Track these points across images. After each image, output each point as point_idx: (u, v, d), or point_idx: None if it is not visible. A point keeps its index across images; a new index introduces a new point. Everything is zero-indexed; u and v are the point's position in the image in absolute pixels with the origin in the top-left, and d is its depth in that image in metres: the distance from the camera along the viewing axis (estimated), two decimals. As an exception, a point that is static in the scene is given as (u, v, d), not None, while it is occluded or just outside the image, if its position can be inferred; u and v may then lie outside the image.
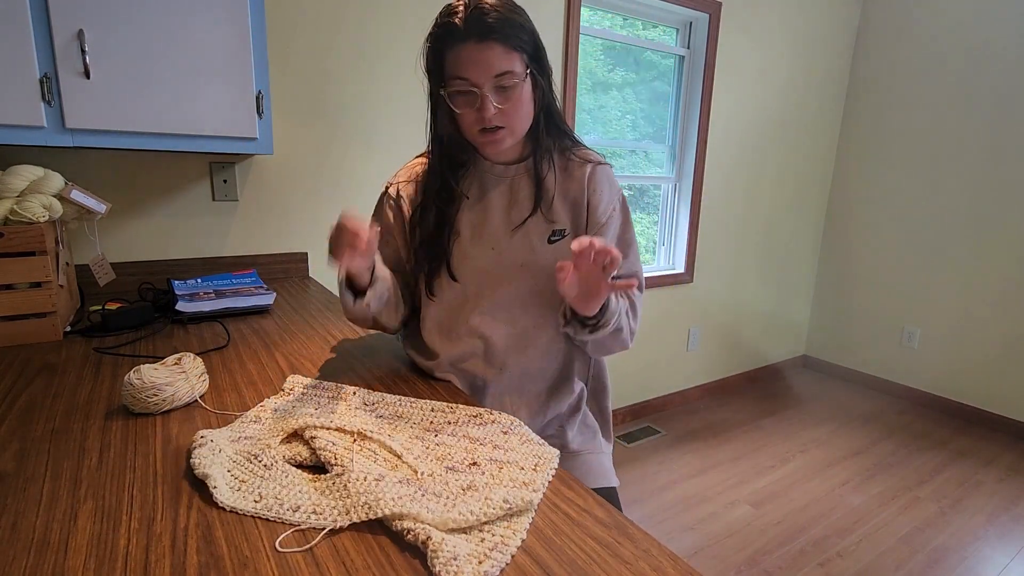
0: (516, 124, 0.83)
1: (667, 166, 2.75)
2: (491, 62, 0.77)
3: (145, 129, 1.20)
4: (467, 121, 0.83)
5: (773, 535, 1.91)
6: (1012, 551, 1.87)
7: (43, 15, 1.07)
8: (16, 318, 1.04)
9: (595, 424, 1.03)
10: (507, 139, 0.84)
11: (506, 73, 0.78)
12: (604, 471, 1.00)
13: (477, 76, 0.78)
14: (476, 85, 0.79)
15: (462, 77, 0.79)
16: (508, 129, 0.83)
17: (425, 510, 0.54)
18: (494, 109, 0.79)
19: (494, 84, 0.79)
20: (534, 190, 0.90)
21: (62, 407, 0.79)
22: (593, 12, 2.30)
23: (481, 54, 0.77)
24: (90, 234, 1.38)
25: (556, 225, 0.91)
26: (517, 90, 0.80)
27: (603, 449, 1.02)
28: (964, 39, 2.74)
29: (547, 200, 0.90)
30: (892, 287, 3.13)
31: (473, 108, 0.81)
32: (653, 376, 2.84)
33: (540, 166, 0.90)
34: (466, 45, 0.77)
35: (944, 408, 2.98)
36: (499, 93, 0.80)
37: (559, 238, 0.91)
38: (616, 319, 0.87)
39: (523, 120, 0.84)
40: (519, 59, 0.79)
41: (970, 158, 2.78)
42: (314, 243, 1.76)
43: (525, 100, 0.82)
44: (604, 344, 0.93)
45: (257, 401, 0.82)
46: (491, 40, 0.76)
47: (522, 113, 0.83)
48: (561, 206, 0.91)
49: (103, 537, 0.52)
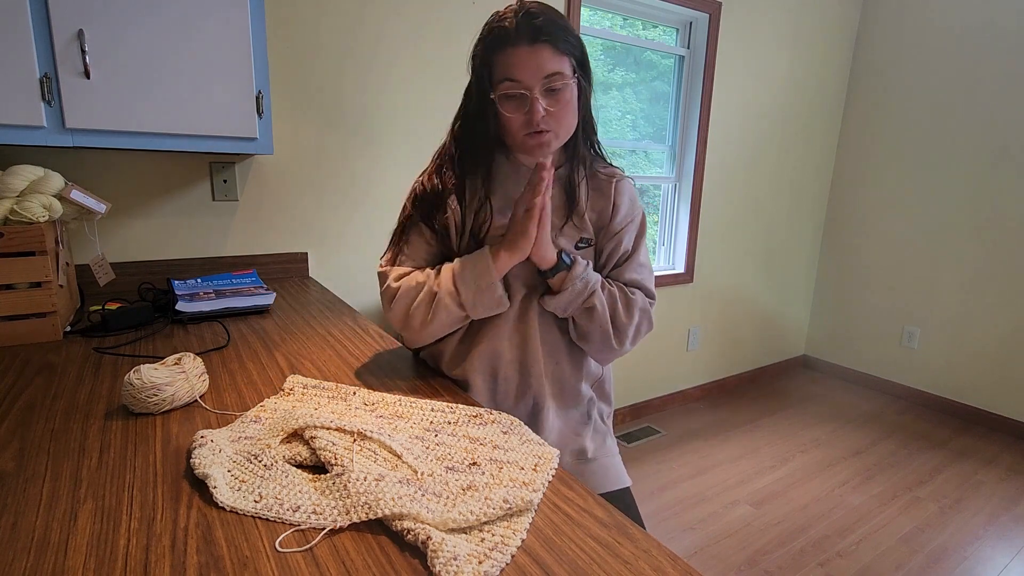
0: (562, 127, 0.84)
1: (667, 166, 2.75)
2: (541, 64, 0.79)
3: (145, 129, 1.20)
4: (515, 125, 0.83)
5: (773, 535, 1.91)
6: (1012, 551, 1.87)
7: (43, 15, 1.07)
8: (16, 318, 1.04)
9: (604, 428, 1.04)
10: (553, 142, 0.85)
11: (556, 74, 0.80)
12: (620, 472, 1.01)
13: (528, 78, 0.79)
14: (527, 88, 0.80)
15: (513, 79, 0.80)
16: (554, 132, 0.84)
17: (425, 510, 0.54)
18: (543, 111, 0.81)
19: (543, 86, 0.80)
20: (566, 199, 0.91)
21: (62, 407, 0.79)
22: (593, 12, 2.30)
23: (531, 56, 0.79)
24: (90, 234, 1.38)
25: (584, 233, 0.93)
26: (566, 93, 0.82)
27: (614, 451, 1.03)
28: (964, 39, 2.74)
29: (579, 211, 0.92)
30: (892, 287, 3.13)
31: (522, 111, 0.82)
32: (653, 376, 2.84)
33: (575, 175, 0.91)
34: (517, 48, 0.79)
35: (944, 408, 2.98)
36: (548, 96, 0.81)
37: (585, 246, 0.93)
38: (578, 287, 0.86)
39: (569, 124, 0.86)
40: (568, 62, 0.82)
41: (971, 158, 2.78)
42: (314, 243, 1.76)
43: (572, 104, 0.84)
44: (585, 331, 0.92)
45: (257, 401, 0.82)
46: (541, 43, 0.79)
47: (568, 116, 0.84)
48: (589, 216, 0.93)
49: (103, 537, 0.52)
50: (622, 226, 0.94)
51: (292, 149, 1.67)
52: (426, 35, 1.81)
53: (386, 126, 1.80)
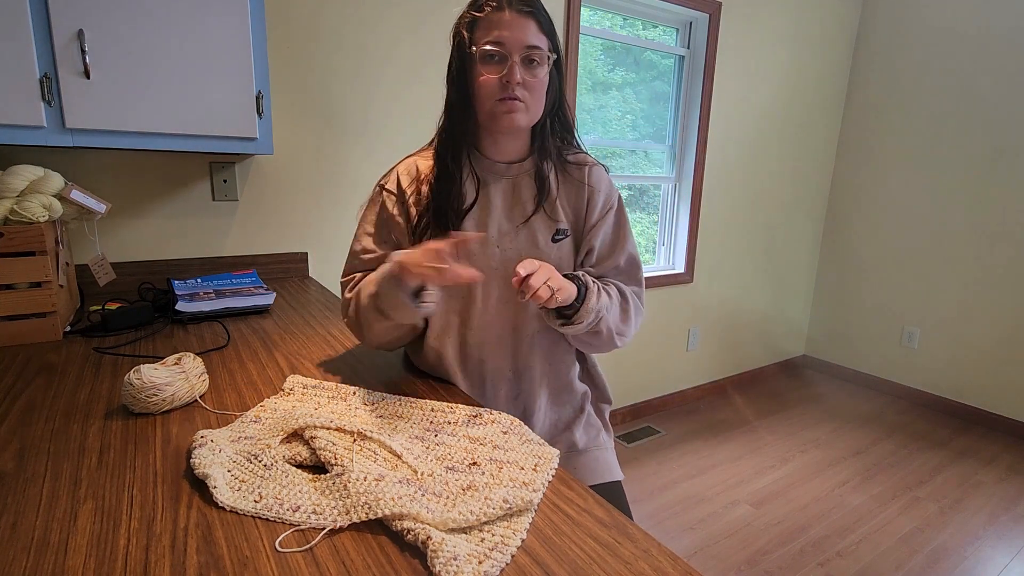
0: (532, 103, 0.85)
1: (667, 166, 2.75)
2: (526, 33, 0.82)
3: (145, 129, 1.20)
4: (488, 86, 0.83)
5: (773, 535, 1.91)
6: (1012, 551, 1.87)
7: (43, 15, 1.07)
8: (16, 318, 1.04)
9: (598, 423, 1.04)
10: (522, 115, 0.85)
11: (537, 48, 0.83)
12: (610, 466, 1.02)
13: (511, 42, 0.82)
14: (508, 51, 0.82)
15: (496, 41, 0.82)
16: (525, 105, 0.84)
17: (425, 510, 0.54)
18: (519, 77, 0.82)
19: (524, 55, 0.83)
20: (536, 190, 0.91)
21: (62, 407, 0.79)
22: (593, 12, 2.30)
23: (518, 23, 0.82)
24: (90, 234, 1.38)
25: (559, 224, 0.92)
26: (542, 69, 0.84)
27: (607, 445, 1.04)
28: (964, 38, 2.74)
29: (550, 200, 0.91)
30: (892, 287, 3.13)
31: (499, 73, 0.83)
32: (653, 376, 2.84)
33: (543, 165, 0.91)
34: (505, 13, 0.82)
35: (944, 408, 2.98)
36: (526, 66, 0.83)
37: (562, 237, 0.92)
38: (594, 317, 0.86)
39: (539, 102, 0.86)
40: (547, 44, 0.85)
41: (970, 158, 2.78)
42: (314, 243, 1.76)
43: (545, 84, 0.86)
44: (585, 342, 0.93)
45: (257, 401, 0.82)
46: (529, 16, 0.83)
47: (540, 94, 0.86)
48: (563, 206, 0.92)
49: (103, 537, 0.52)
50: (602, 215, 0.93)
51: (292, 149, 1.67)
52: (426, 34, 1.80)
53: (386, 126, 1.80)
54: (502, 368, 0.94)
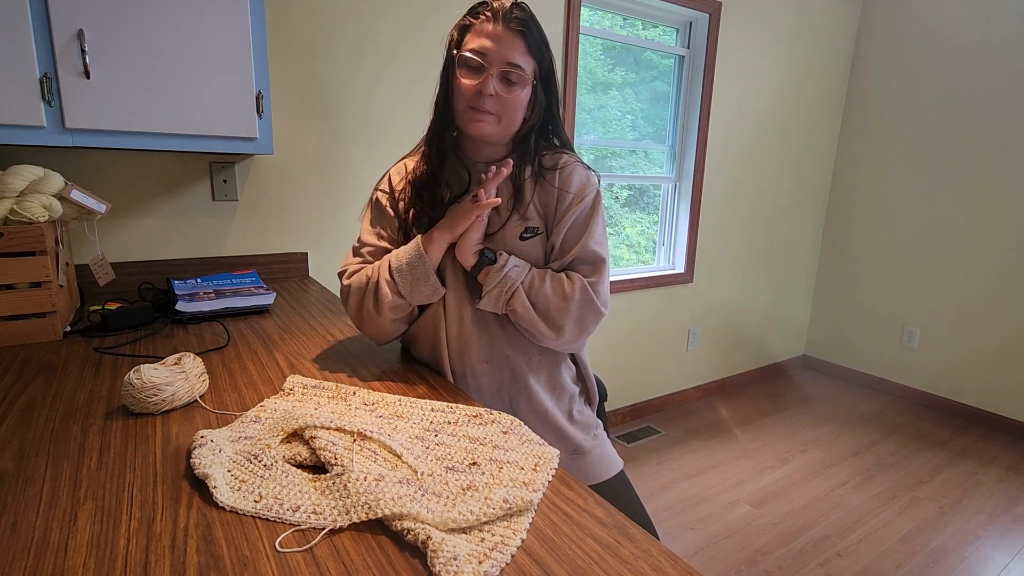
0: (503, 119, 0.87)
1: (667, 166, 2.75)
2: (511, 50, 0.83)
3: (145, 129, 1.20)
4: (463, 89, 0.86)
5: (773, 535, 1.91)
6: (1012, 551, 1.87)
7: (43, 15, 1.07)
8: (16, 318, 1.04)
9: (591, 418, 1.05)
10: (489, 126, 0.87)
11: (517, 67, 0.84)
12: (611, 460, 1.03)
13: (493, 55, 0.83)
14: (488, 63, 0.83)
15: (479, 51, 0.84)
16: (495, 118, 0.86)
17: (425, 510, 0.54)
18: (493, 90, 0.84)
19: (501, 70, 0.84)
20: (512, 194, 0.93)
21: (62, 407, 0.79)
22: (593, 12, 2.30)
23: (502, 38, 0.83)
24: (90, 234, 1.38)
25: (529, 223, 0.93)
26: (517, 89, 0.85)
27: (604, 441, 1.04)
28: (964, 38, 2.74)
29: (523, 204, 0.93)
30: (892, 287, 3.13)
31: (475, 81, 0.85)
32: (653, 376, 2.84)
33: (522, 173, 0.93)
34: (496, 25, 0.83)
35: (944, 408, 2.98)
36: (502, 81, 0.85)
37: (531, 235, 0.93)
38: (496, 287, 0.87)
39: (511, 119, 0.88)
40: (532, 66, 0.86)
41: (970, 158, 2.78)
42: (314, 243, 1.76)
43: (520, 104, 0.87)
44: (519, 325, 0.92)
45: (257, 401, 0.82)
46: (516, 32, 0.84)
47: (513, 113, 0.87)
48: (535, 206, 0.94)
49: (103, 537, 0.52)
50: (568, 209, 0.92)
51: (292, 149, 1.67)
52: (427, 34, 1.81)
53: (387, 126, 1.80)
54: (479, 358, 0.95)
